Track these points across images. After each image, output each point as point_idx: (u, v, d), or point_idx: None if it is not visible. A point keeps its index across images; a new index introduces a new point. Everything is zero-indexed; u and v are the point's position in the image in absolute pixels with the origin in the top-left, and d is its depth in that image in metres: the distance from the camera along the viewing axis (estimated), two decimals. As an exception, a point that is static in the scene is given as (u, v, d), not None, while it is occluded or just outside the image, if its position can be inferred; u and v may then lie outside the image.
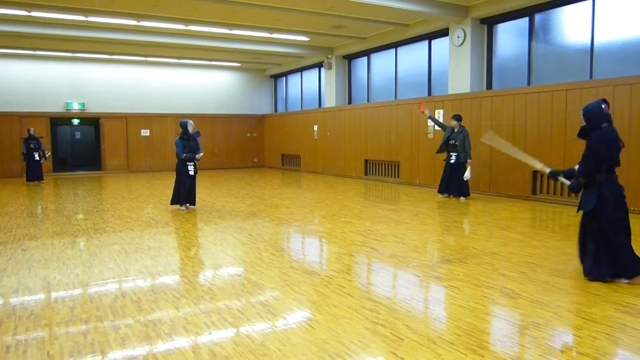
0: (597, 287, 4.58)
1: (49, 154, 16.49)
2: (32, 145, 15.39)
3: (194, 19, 13.01)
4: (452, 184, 10.63)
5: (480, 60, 12.08)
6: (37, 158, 15.43)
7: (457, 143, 10.35)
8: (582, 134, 4.90)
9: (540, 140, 10.21)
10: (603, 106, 4.79)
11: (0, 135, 17.55)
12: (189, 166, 9.26)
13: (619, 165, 4.81)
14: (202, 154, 9.50)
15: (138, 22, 12.79)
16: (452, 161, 10.49)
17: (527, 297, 4.34)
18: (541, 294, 4.41)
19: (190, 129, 9.29)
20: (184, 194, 9.30)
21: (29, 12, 11.60)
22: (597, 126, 4.78)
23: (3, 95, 17.57)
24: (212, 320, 3.88)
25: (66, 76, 18.54)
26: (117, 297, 4.45)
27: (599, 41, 9.75)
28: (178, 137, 9.30)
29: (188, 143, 9.23)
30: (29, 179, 15.56)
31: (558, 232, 7.40)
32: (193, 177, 9.38)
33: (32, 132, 15.62)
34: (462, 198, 10.51)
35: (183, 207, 9.38)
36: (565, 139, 9.73)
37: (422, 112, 10.95)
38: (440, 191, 10.89)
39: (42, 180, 15.73)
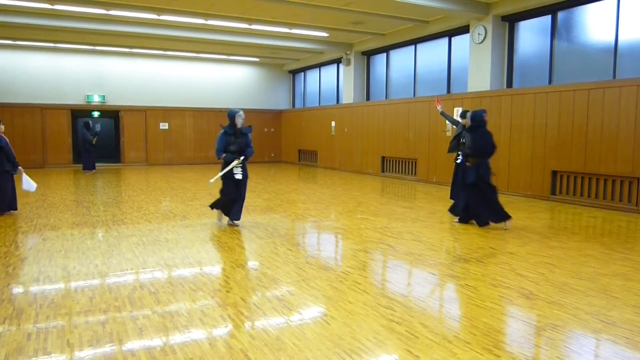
0: (617, 290, 4.52)
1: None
2: (90, 138, 16.20)
3: (214, 13, 13.06)
4: (456, 186, 9.51)
5: (501, 58, 11.94)
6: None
7: (466, 141, 9.20)
8: (469, 130, 7.46)
9: (560, 140, 10.07)
10: (484, 115, 7.45)
11: (22, 127, 17.83)
12: (234, 168, 7.28)
13: (492, 154, 7.41)
14: (251, 154, 7.55)
15: (158, 15, 12.89)
16: (458, 161, 9.28)
17: (544, 298, 4.29)
18: (559, 295, 4.36)
19: (238, 121, 7.37)
20: (226, 203, 7.48)
21: (51, 5, 11.76)
22: (478, 127, 7.36)
23: (25, 87, 17.86)
24: (228, 313, 3.90)
25: (87, 69, 18.77)
26: (135, 288, 4.50)
27: (623, 40, 9.58)
28: (222, 130, 7.46)
29: (234, 139, 7.33)
30: (91, 168, 16.58)
31: (577, 234, 7.30)
32: (239, 183, 7.40)
33: (91, 124, 16.48)
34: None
35: (220, 221, 7.65)
36: (587, 140, 9.58)
37: (437, 107, 10.40)
38: (452, 197, 9.59)
39: (93, 170, 16.77)
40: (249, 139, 7.52)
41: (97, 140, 16.80)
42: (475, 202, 7.48)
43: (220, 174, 7.19)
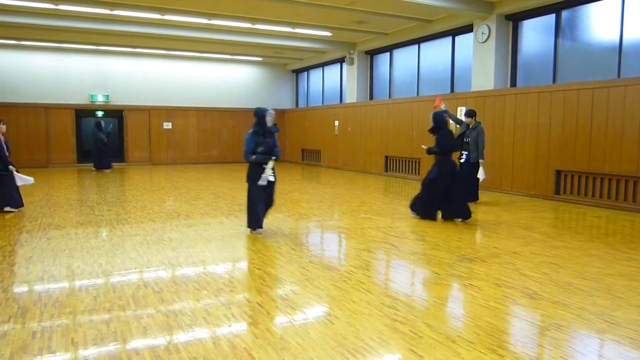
0: (622, 290, 4.51)
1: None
2: (102, 137, 16.61)
3: (217, 13, 13.08)
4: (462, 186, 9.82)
5: (504, 57, 11.91)
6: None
7: (470, 141, 9.45)
8: (432, 131, 7.97)
9: (564, 139, 10.04)
10: (445, 115, 8.11)
11: (26, 126, 17.89)
12: (266, 170, 6.68)
13: (453, 151, 8.03)
14: (279, 154, 6.90)
15: (162, 15, 12.91)
16: (462, 161, 9.52)
17: (548, 298, 4.28)
18: (563, 295, 4.35)
19: (269, 120, 6.81)
20: (261, 210, 6.82)
21: (55, 5, 11.79)
22: (441, 127, 7.87)
23: (29, 87, 17.92)
24: (232, 312, 3.91)
25: (91, 69, 18.82)
26: (139, 287, 4.52)
27: (628, 38, 9.54)
28: (251, 130, 6.89)
29: (263, 140, 6.73)
30: (105, 167, 16.84)
31: (581, 233, 7.28)
32: (271, 186, 6.80)
33: (103, 124, 16.80)
34: (469, 203, 9.29)
35: (258, 231, 6.90)
36: (591, 139, 9.55)
37: (436, 107, 9.85)
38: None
39: (110, 168, 17.20)
40: (275, 139, 6.92)
41: (105, 140, 17.04)
42: (436, 197, 7.87)
43: (268, 175, 6.69)
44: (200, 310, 3.96)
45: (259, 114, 6.82)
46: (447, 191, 7.74)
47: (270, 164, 6.70)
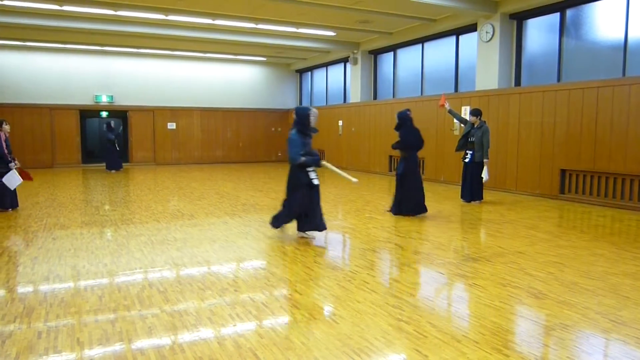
0: (627, 289, 4.49)
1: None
2: (112, 137, 16.81)
3: (221, 13, 13.10)
4: (465, 186, 9.75)
5: (509, 56, 11.88)
6: (117, 148, 17.07)
7: (474, 140, 9.43)
8: (396, 128, 8.27)
9: (569, 138, 10.01)
10: (408, 113, 8.26)
11: (31, 127, 17.97)
12: (311, 173, 6.38)
13: (420, 148, 8.26)
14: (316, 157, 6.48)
15: (166, 16, 12.94)
16: (467, 160, 9.58)
17: (554, 297, 4.27)
18: (569, 294, 4.34)
19: (312, 120, 6.46)
20: (298, 214, 6.47)
21: (60, 6, 11.83)
22: (404, 124, 8.19)
23: (34, 87, 17.99)
24: (236, 312, 3.91)
25: (95, 69, 18.88)
26: (144, 287, 4.53)
27: (633, 37, 9.50)
28: (294, 129, 6.44)
29: (306, 141, 6.43)
30: (112, 168, 16.99)
31: (587, 232, 7.26)
32: (317, 189, 6.46)
33: (113, 124, 16.95)
34: (473, 202, 9.67)
35: (304, 233, 6.63)
36: (596, 138, 9.52)
37: (442, 106, 9.91)
38: (462, 196, 9.89)
39: (121, 168, 17.40)
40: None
41: (115, 140, 17.19)
42: (405, 192, 8.22)
43: (347, 176, 6.60)
44: (205, 310, 3.97)
45: (303, 112, 6.40)
46: (412, 186, 8.15)
47: (330, 166, 6.61)
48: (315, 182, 6.37)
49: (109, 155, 17.04)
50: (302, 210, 6.39)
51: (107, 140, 17.03)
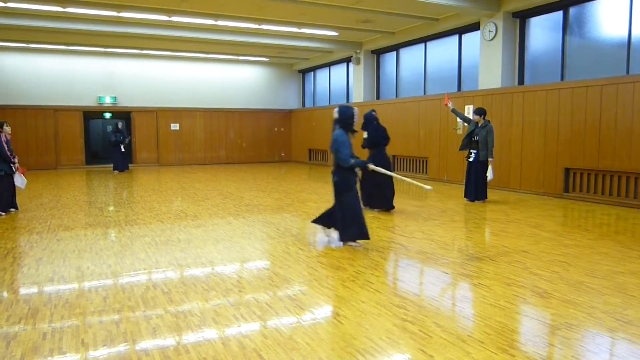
0: (633, 288, 4.46)
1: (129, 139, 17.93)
2: (119, 138, 16.91)
3: (223, 14, 13.10)
4: (469, 185, 9.74)
5: (512, 55, 11.85)
6: (123, 150, 17.13)
7: (478, 139, 9.42)
8: (363, 127, 8.73)
9: (573, 137, 9.97)
10: (373, 113, 8.94)
11: (35, 128, 18.02)
12: (355, 176, 6.19)
13: (386, 144, 8.76)
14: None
15: (169, 17, 12.95)
16: (471, 159, 9.57)
17: (559, 297, 4.25)
18: (574, 294, 4.32)
19: (357, 120, 6.25)
20: (358, 220, 6.02)
21: (63, 7, 11.86)
22: (370, 123, 8.81)
23: (38, 89, 18.04)
24: (240, 312, 3.91)
25: (99, 71, 18.93)
26: (149, 288, 4.53)
27: (636, 35, 9.46)
28: (338, 128, 6.14)
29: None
30: (115, 169, 17.14)
31: (591, 231, 7.23)
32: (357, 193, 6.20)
33: (120, 125, 17.14)
34: (478, 201, 9.65)
35: (357, 243, 6.12)
36: (600, 136, 9.48)
37: (446, 105, 9.95)
38: (466, 195, 9.89)
39: (128, 169, 17.56)
40: None
41: (124, 141, 17.34)
42: (374, 188, 8.47)
43: (416, 183, 6.41)
44: (209, 310, 3.97)
45: (348, 112, 6.09)
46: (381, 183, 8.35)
47: (383, 170, 6.54)
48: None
49: (116, 156, 17.14)
50: (356, 214, 5.99)
51: (113, 142, 17.14)
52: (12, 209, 8.80)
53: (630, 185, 9.16)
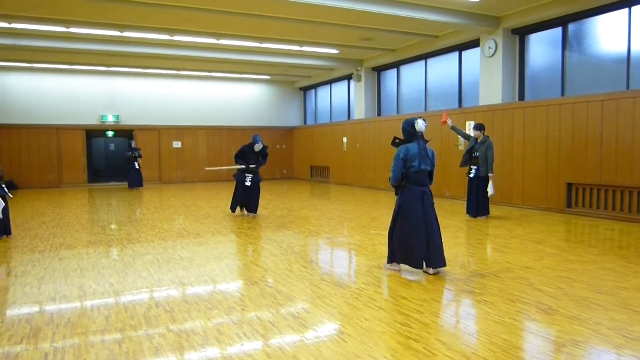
0: (638, 304, 4.43)
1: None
2: (133, 154, 17.39)
3: (225, 32, 13.24)
4: (470, 201, 9.70)
5: (512, 71, 11.93)
6: (137, 167, 17.56)
7: (478, 155, 9.46)
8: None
9: (574, 152, 9.98)
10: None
11: (38, 147, 18.10)
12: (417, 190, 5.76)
13: None
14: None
15: (171, 36, 13.08)
16: (471, 175, 9.57)
17: (564, 313, 4.22)
18: (579, 310, 4.29)
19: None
20: (421, 248, 5.47)
21: (67, 27, 11.99)
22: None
23: (41, 108, 18.17)
24: (243, 331, 3.89)
25: (101, 89, 19.07)
26: (151, 307, 4.51)
27: (636, 50, 9.52)
28: (396, 141, 5.89)
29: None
30: (130, 186, 17.55)
31: (595, 246, 7.19)
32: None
33: (133, 144, 17.54)
34: (480, 217, 9.62)
35: (432, 270, 5.52)
36: (602, 151, 9.49)
37: (444, 123, 9.52)
38: (468, 212, 9.84)
39: (142, 186, 17.92)
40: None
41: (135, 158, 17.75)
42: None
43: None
44: (211, 329, 3.94)
45: (409, 124, 5.73)
46: None
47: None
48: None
49: (131, 173, 17.60)
50: (421, 242, 5.52)
51: (126, 158, 17.60)
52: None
53: (633, 200, 9.14)
